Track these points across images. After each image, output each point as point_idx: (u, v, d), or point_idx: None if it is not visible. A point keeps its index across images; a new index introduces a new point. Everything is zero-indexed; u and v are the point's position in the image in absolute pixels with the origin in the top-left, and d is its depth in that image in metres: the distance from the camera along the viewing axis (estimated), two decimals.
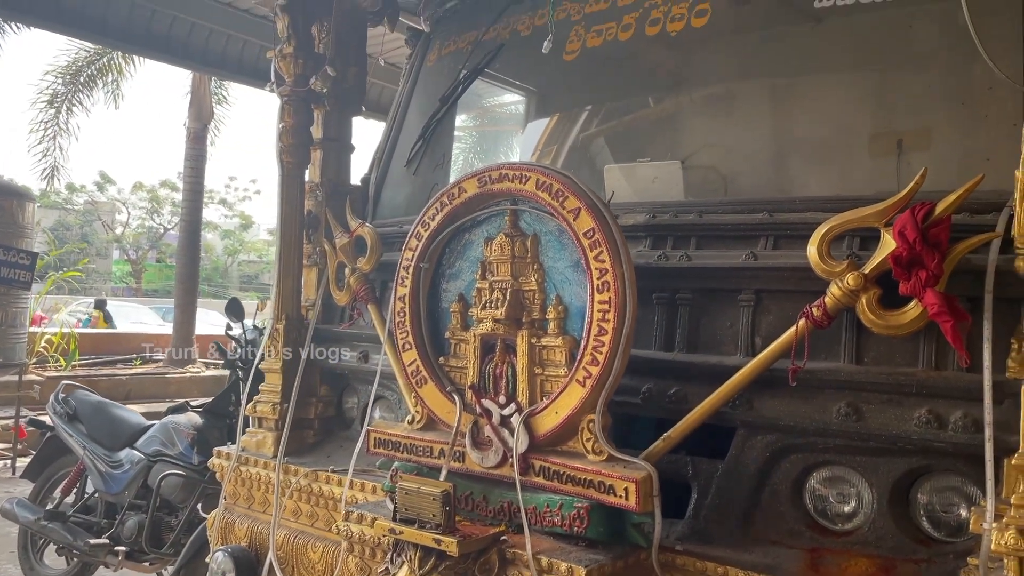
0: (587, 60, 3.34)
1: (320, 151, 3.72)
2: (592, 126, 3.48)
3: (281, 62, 3.58)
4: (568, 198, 2.46)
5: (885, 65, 2.86)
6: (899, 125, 2.85)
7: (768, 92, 3.10)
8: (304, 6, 3.60)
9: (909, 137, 2.81)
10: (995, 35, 2.53)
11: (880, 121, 2.92)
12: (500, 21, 3.65)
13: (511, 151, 4.06)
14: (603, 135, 3.41)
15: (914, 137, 2.83)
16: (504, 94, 3.96)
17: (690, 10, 3.09)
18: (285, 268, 3.60)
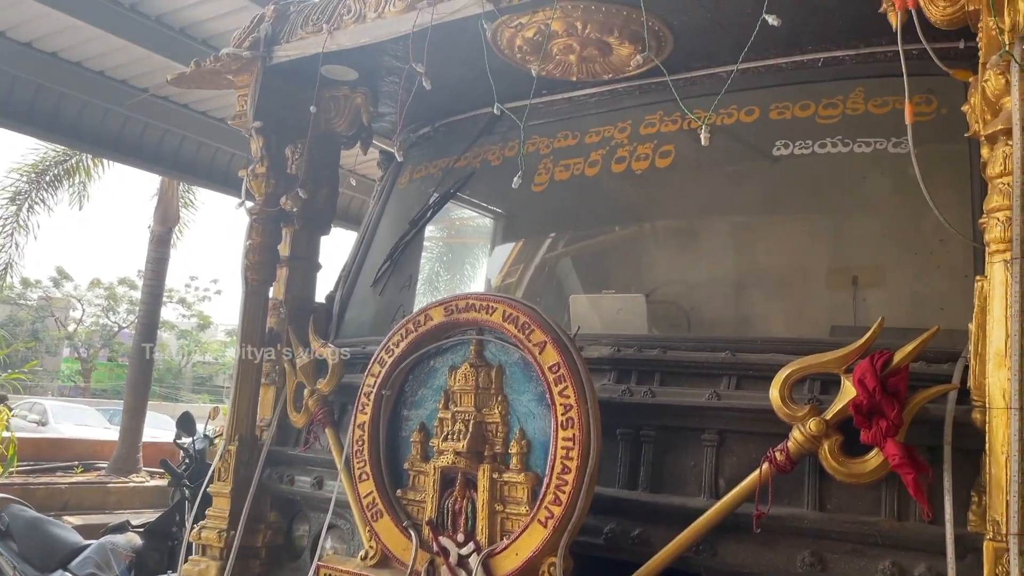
0: (555, 192, 3.43)
1: (286, 269, 3.72)
2: (558, 255, 3.55)
3: (253, 181, 3.62)
4: (534, 331, 2.46)
5: (841, 208, 2.98)
6: (854, 265, 2.94)
7: (729, 230, 3.20)
8: (279, 128, 3.67)
9: (864, 276, 2.90)
10: (946, 189, 2.66)
11: (836, 261, 3.02)
12: (471, 150, 3.75)
13: (478, 268, 4.10)
14: (569, 264, 3.47)
15: (869, 276, 2.91)
16: (474, 215, 4.02)
17: (655, 150, 3.21)
18: (242, 386, 3.52)
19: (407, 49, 3.18)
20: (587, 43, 3.06)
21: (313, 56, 3.40)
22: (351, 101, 3.72)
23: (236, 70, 3.61)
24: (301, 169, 3.71)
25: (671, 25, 2.98)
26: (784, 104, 3.01)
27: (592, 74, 3.31)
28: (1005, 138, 2.08)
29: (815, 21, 2.87)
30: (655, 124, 3.26)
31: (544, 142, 3.55)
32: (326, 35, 3.35)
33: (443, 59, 3.34)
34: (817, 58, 3.02)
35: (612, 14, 2.91)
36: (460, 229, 4.06)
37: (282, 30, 3.57)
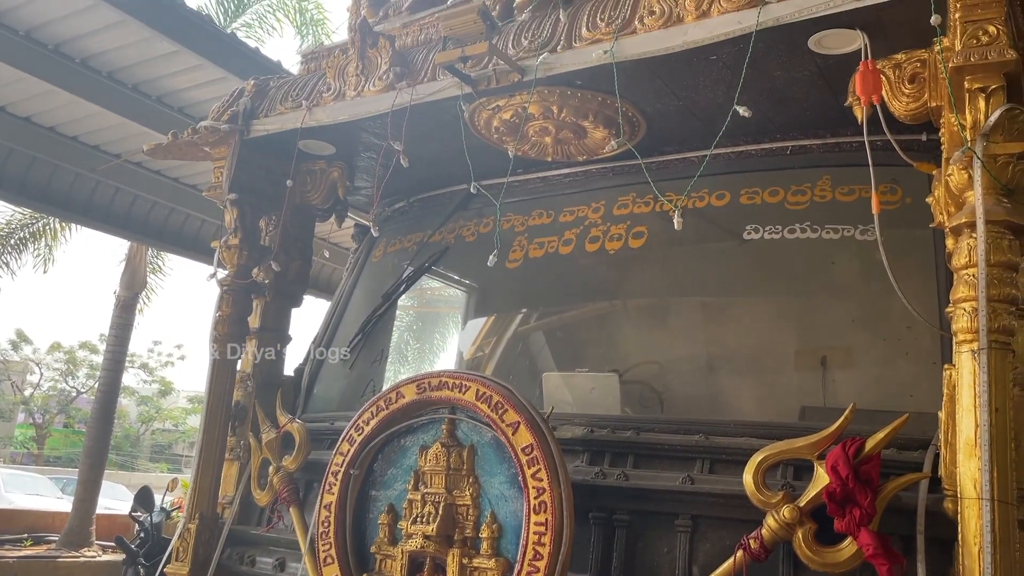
0: (529, 269, 3.45)
1: (255, 340, 3.67)
2: (532, 331, 3.55)
3: (225, 252, 3.60)
4: (508, 411, 2.44)
5: (811, 292, 3.03)
6: (823, 348, 2.97)
7: (701, 311, 3.23)
8: (254, 200, 3.68)
9: (833, 358, 2.92)
10: (912, 276, 2.72)
11: (806, 343, 3.05)
12: (446, 225, 3.78)
13: (451, 343, 4.08)
14: (542, 341, 3.47)
15: (838, 359, 2.95)
16: (448, 290, 4.03)
17: (628, 231, 3.25)
18: (206, 462, 3.42)
19: (385, 126, 3.22)
20: (563, 126, 3.12)
21: (291, 131, 3.43)
22: (327, 175, 3.74)
23: (213, 142, 3.62)
24: (275, 241, 3.70)
25: (644, 111, 3.06)
26: (754, 189, 3.08)
27: (567, 155, 3.37)
28: (969, 231, 2.14)
29: (784, 111, 2.97)
30: (628, 205, 3.31)
31: (519, 220, 3.58)
32: (305, 111, 3.39)
33: (420, 136, 3.39)
34: (786, 146, 3.11)
35: (587, 99, 2.98)
36: (434, 304, 4.05)
37: (261, 105, 3.60)
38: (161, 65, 7.33)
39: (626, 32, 2.72)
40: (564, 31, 2.89)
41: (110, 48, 7.16)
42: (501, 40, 3.02)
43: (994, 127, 2.14)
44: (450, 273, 3.84)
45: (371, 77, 3.26)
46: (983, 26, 2.15)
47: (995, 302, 2.03)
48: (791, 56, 2.61)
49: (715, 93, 2.83)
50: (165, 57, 7.23)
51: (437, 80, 3.11)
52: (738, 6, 2.50)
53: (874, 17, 2.37)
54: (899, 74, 2.52)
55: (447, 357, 3.97)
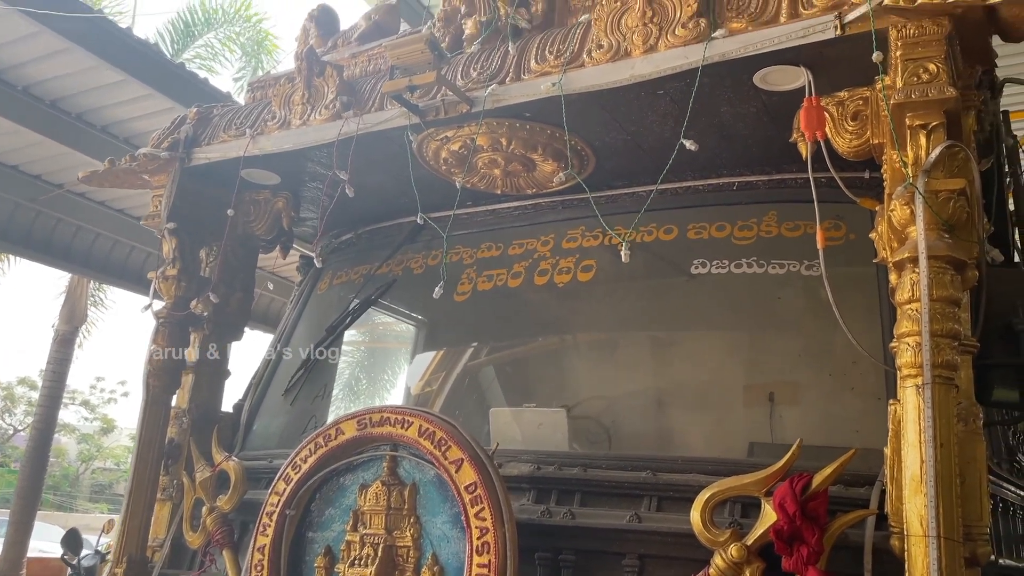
0: (477, 302, 3.39)
1: (192, 375, 3.53)
2: (480, 366, 3.48)
3: (162, 283, 3.48)
4: (451, 448, 2.37)
5: (757, 327, 3.02)
6: (771, 383, 2.95)
7: (649, 345, 3.20)
8: (194, 230, 3.56)
9: (780, 393, 2.91)
10: (856, 312, 2.73)
11: (753, 378, 3.03)
12: (394, 257, 3.71)
13: (398, 377, 3.98)
14: (491, 375, 3.40)
15: (785, 394, 2.93)
16: (395, 323, 3.94)
17: (576, 264, 3.22)
18: (136, 502, 3.27)
19: (331, 156, 3.16)
20: (511, 158, 3.10)
21: (234, 159, 3.34)
22: (272, 205, 3.65)
23: (153, 170, 3.51)
24: (215, 272, 3.58)
25: (593, 145, 3.05)
26: (702, 224, 3.08)
27: (516, 188, 3.35)
28: (912, 266, 2.15)
29: (731, 147, 2.98)
30: (577, 239, 3.29)
31: (468, 252, 3.53)
32: (248, 139, 3.32)
33: (367, 167, 3.33)
34: (733, 182, 3.12)
35: (536, 132, 2.96)
36: (380, 337, 3.96)
37: (204, 132, 3.51)
38: (106, 94, 7.19)
39: (574, 65, 2.71)
40: (513, 63, 2.87)
41: (53, 76, 7.00)
42: (450, 71, 2.99)
43: (935, 164, 2.16)
44: (397, 306, 3.76)
45: (317, 106, 3.20)
46: (923, 64, 2.18)
47: (938, 337, 2.03)
48: (737, 92, 2.62)
49: (663, 128, 2.84)
50: (111, 86, 7.10)
51: (385, 110, 3.06)
52: (684, 41, 2.51)
53: (817, 55, 2.40)
54: (842, 111, 2.55)
55: (395, 397, 3.87)
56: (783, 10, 2.41)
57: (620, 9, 2.67)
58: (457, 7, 3.18)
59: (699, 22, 2.50)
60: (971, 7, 2.13)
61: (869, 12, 2.21)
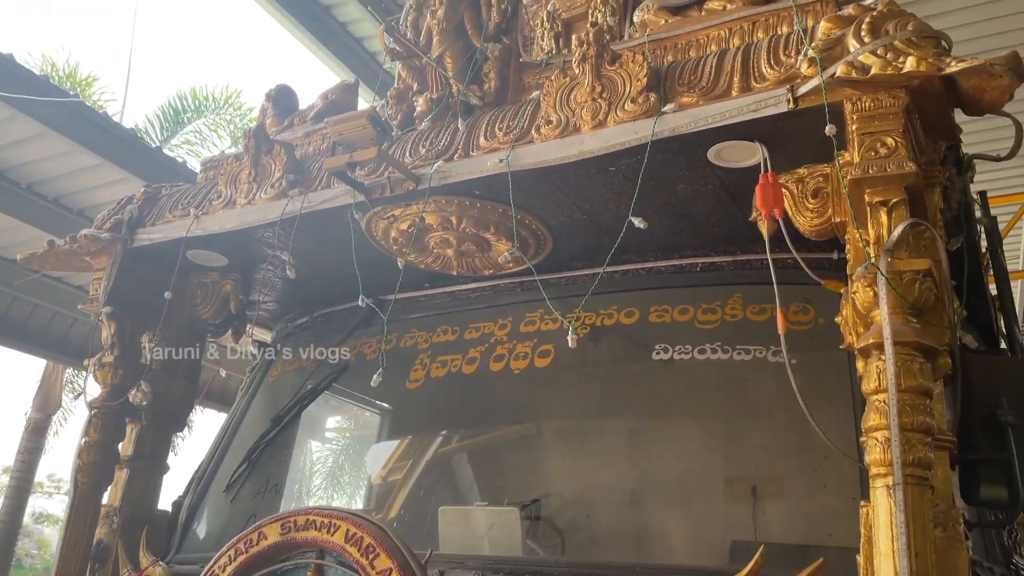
0: (430, 390, 3.20)
1: (126, 471, 3.28)
2: (432, 458, 3.25)
3: (98, 371, 3.28)
4: (379, 556, 2.13)
5: (723, 418, 2.82)
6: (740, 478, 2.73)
7: (612, 437, 2.98)
8: (137, 315, 3.39)
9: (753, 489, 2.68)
10: (827, 402, 2.54)
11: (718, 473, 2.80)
12: (347, 342, 3.52)
13: (345, 472, 3.74)
14: (441, 470, 3.17)
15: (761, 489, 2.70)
16: (345, 412, 3.72)
17: (534, 349, 3.04)
18: None
19: (284, 237, 3.02)
20: (464, 238, 2.96)
21: (178, 240, 3.20)
22: (219, 288, 3.49)
23: (95, 252, 3.37)
24: (156, 360, 3.39)
25: (549, 224, 2.92)
26: (664, 307, 2.92)
27: (472, 269, 3.20)
28: (878, 352, 1.97)
29: (691, 227, 2.85)
30: (535, 322, 3.11)
31: (423, 336, 3.36)
32: (192, 219, 3.18)
33: (319, 248, 3.20)
34: (696, 263, 2.97)
35: (487, 211, 2.83)
36: (330, 428, 3.74)
37: (150, 213, 3.39)
38: (83, 178, 7.14)
39: (523, 141, 2.60)
40: (462, 140, 2.76)
41: (30, 160, 6.96)
42: (398, 148, 2.88)
43: (898, 242, 2.02)
44: (350, 394, 3.55)
45: (263, 184, 3.08)
46: (880, 138, 2.06)
47: (908, 431, 1.84)
48: (692, 169, 2.50)
49: (619, 206, 2.70)
50: (88, 170, 7.06)
51: (332, 188, 2.94)
52: (634, 116, 2.40)
53: (772, 129, 2.28)
54: (802, 189, 2.42)
55: (341, 496, 3.63)
56: (735, 84, 2.31)
57: (569, 84, 2.57)
58: (409, 84, 3.10)
59: (649, 97, 2.39)
60: (928, 78, 2.02)
61: (821, 85, 2.10)
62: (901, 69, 1.98)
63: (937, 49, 2.04)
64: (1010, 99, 2.01)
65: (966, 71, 1.93)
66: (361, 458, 3.58)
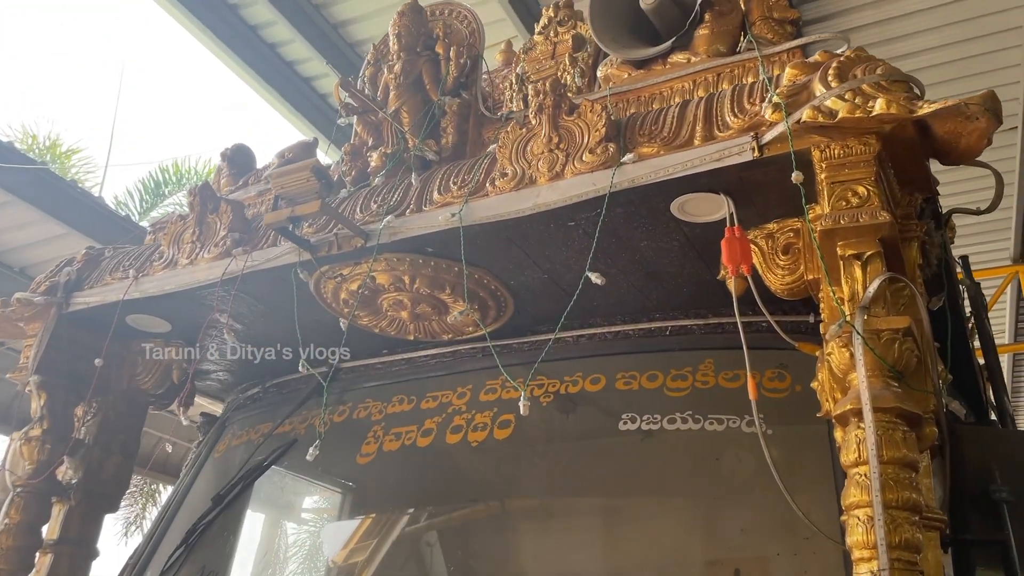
0: (381, 465, 2.96)
1: (50, 556, 3.00)
2: (383, 542, 2.97)
3: (24, 446, 3.03)
4: None
5: (694, 495, 2.59)
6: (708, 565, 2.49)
7: (580, 519, 2.74)
8: (71, 385, 3.16)
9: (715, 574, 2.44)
10: (807, 477, 2.33)
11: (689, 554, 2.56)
12: (297, 414, 3.29)
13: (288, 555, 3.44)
14: (396, 553, 2.90)
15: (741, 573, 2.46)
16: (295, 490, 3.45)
17: (494, 419, 2.82)
18: None
19: (223, 299, 2.84)
20: (419, 299, 2.77)
21: (115, 304, 3.00)
22: (162, 356, 3.27)
23: (28, 317, 3.16)
24: (91, 432, 3.15)
25: (508, 285, 2.74)
26: (631, 373, 2.72)
27: (430, 333, 3.00)
28: (856, 420, 1.79)
29: (659, 287, 2.68)
30: (496, 390, 2.90)
31: (377, 407, 3.13)
32: (132, 281, 2.99)
33: (270, 312, 3.02)
34: (665, 326, 2.79)
35: (442, 269, 2.65)
36: (278, 509, 3.47)
37: (89, 276, 3.19)
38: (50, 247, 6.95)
39: (477, 195, 2.45)
40: (415, 195, 2.61)
41: None
42: (349, 205, 2.73)
43: (874, 298, 1.85)
44: (296, 471, 3.29)
45: (207, 244, 2.90)
46: (852, 187, 1.92)
47: (893, 509, 1.64)
48: (656, 224, 2.35)
49: (581, 265, 2.52)
50: (55, 239, 6.88)
51: (279, 246, 2.77)
52: (592, 167, 2.26)
53: (737, 180, 2.14)
54: (772, 245, 2.27)
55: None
56: (698, 133, 2.18)
57: (526, 136, 2.43)
58: (364, 140, 2.97)
59: (608, 147, 2.26)
60: (900, 123, 1.89)
61: (787, 130, 1.96)
62: (870, 113, 1.85)
63: (908, 93, 1.91)
64: (988, 144, 1.87)
65: (940, 112, 1.79)
66: (311, 541, 3.30)
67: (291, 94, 7.92)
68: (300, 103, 8.00)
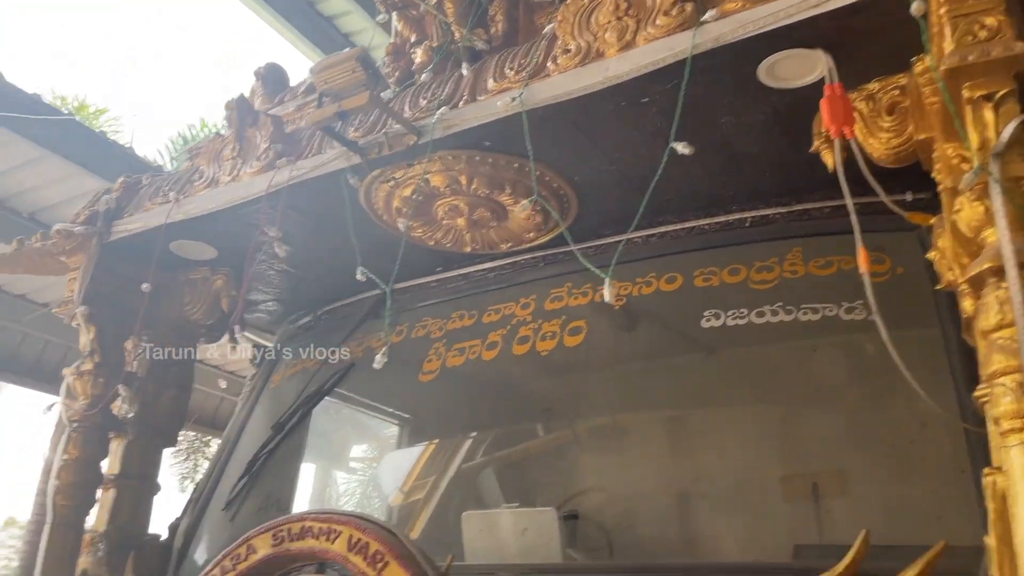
0: (446, 381, 2.81)
1: (112, 491, 2.92)
2: (449, 459, 2.85)
3: (77, 380, 2.94)
4: (389, 565, 1.75)
5: (789, 391, 2.40)
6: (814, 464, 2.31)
7: (658, 424, 2.58)
8: (119, 318, 3.04)
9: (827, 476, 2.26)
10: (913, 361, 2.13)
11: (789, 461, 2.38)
12: (352, 338, 3.16)
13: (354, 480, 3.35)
14: (462, 470, 2.77)
15: (833, 477, 2.28)
16: (354, 415, 3.33)
17: (563, 327, 2.65)
18: None
19: (272, 214, 2.68)
20: (476, 203, 2.59)
21: (158, 229, 2.86)
22: (210, 285, 3.14)
23: (70, 250, 3.03)
24: (143, 365, 3.04)
25: (573, 181, 2.54)
26: (711, 269, 2.52)
27: (488, 244, 2.83)
28: (996, 280, 1.57)
29: (738, 174, 2.47)
30: (563, 297, 2.73)
31: (437, 324, 2.98)
32: (172, 204, 2.84)
33: (318, 232, 2.86)
34: (744, 218, 2.58)
35: (501, 166, 2.46)
36: (339, 433, 3.36)
37: (128, 204, 3.06)
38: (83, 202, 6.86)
39: (538, 77, 2.23)
40: (468, 86, 2.41)
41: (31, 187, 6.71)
42: (396, 103, 2.53)
43: (1010, 144, 1.62)
44: (356, 394, 3.16)
45: (248, 158, 2.74)
46: (978, 19, 1.67)
47: None
48: (740, 93, 2.12)
49: (653, 151, 2.30)
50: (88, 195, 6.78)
51: (324, 153, 2.59)
52: (668, 31, 2.03)
53: (836, 31, 1.90)
54: (874, 106, 2.04)
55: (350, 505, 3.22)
56: None
57: (589, 7, 2.20)
58: (406, 37, 2.76)
59: (684, 7, 2.02)
60: None
61: None
62: None
63: None
64: None
65: None
66: (373, 462, 3.20)
67: (312, 33, 7.72)
68: (322, 42, 7.80)
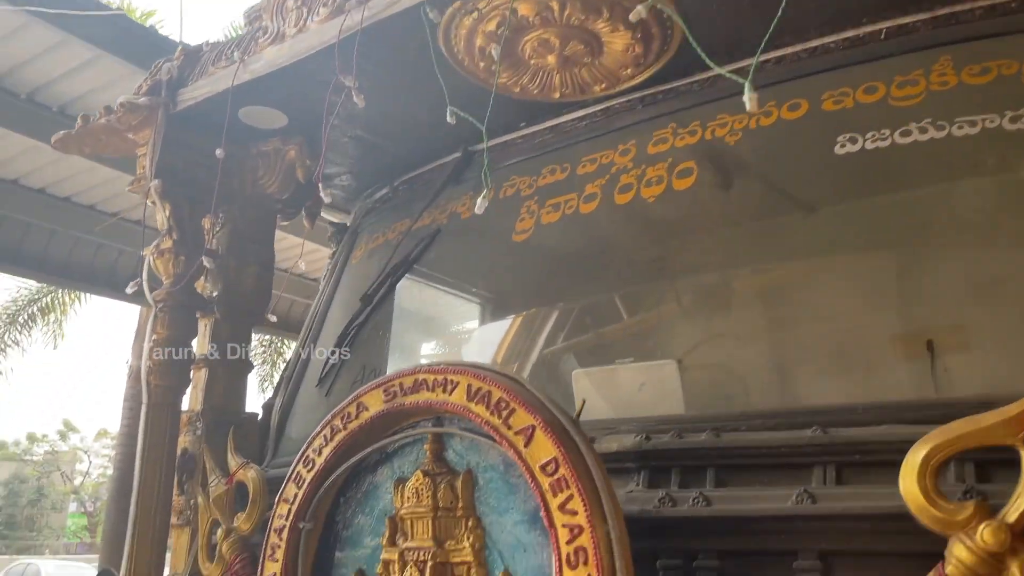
0: (542, 238, 2.62)
1: (205, 370, 2.86)
2: (553, 324, 2.68)
3: (158, 260, 2.83)
4: (516, 412, 1.59)
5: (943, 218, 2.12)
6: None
7: (785, 263, 2.33)
8: (193, 193, 2.91)
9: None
10: None
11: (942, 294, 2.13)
12: (435, 204, 2.97)
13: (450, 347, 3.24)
14: (567, 329, 2.61)
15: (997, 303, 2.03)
16: (444, 282, 3.18)
17: (670, 170, 2.41)
18: (141, 532, 2.61)
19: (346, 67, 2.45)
20: (568, 35, 2.32)
21: (225, 94, 2.68)
22: (283, 155, 2.97)
23: (136, 125, 2.88)
24: (223, 243, 2.92)
25: (679, 2, 2.25)
26: (842, 90, 2.23)
27: (580, 86, 2.57)
28: None
29: None
30: (668, 139, 2.47)
31: (526, 181, 2.77)
32: (238, 64, 2.64)
33: (394, 91, 2.64)
34: (878, 30, 2.26)
35: None
36: (428, 301, 3.22)
37: (191, 72, 2.87)
38: None
39: None
40: None
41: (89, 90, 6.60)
42: None
43: None
44: (445, 261, 3.00)
45: (314, 6, 2.50)
46: None
47: None
48: None
49: None
50: None
51: None
52: None
53: None
54: None
55: None
56: None
57: None
58: None
59: None
60: None
61: None
62: None
63: None
64: None
65: None
66: (470, 328, 3.07)
67: None
68: None
